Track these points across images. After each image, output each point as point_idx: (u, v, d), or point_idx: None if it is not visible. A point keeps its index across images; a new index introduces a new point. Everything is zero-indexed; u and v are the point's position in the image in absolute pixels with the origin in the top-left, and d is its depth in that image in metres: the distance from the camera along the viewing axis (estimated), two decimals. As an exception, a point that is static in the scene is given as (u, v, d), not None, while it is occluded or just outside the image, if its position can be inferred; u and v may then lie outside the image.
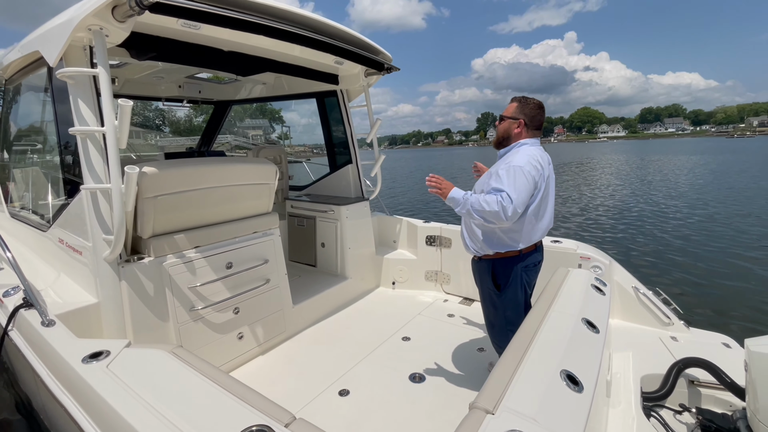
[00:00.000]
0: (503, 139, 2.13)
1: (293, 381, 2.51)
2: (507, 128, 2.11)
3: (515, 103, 2.13)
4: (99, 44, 1.82)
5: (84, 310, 2.06)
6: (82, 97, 1.96)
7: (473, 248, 2.19)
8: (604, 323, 1.68)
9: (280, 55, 2.95)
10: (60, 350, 1.59)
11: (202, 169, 2.44)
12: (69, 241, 2.30)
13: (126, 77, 3.84)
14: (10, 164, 3.62)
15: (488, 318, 2.29)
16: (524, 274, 2.10)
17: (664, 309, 2.65)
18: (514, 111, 2.10)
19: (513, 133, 2.10)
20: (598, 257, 2.88)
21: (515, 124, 2.09)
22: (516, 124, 2.08)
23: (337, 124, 4.11)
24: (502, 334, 2.17)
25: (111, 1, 1.74)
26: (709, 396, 2.03)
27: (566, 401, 1.15)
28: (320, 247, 3.92)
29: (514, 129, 2.09)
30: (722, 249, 7.89)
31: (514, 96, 2.19)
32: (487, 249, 2.11)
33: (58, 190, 2.53)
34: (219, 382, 1.30)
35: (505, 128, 2.11)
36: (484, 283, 2.20)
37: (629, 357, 2.26)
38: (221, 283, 2.53)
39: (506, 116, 2.12)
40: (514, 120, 2.09)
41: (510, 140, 2.11)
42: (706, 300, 5.56)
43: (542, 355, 1.36)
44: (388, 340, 2.95)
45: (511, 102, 2.17)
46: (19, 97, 3.22)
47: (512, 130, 2.09)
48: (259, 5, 2.18)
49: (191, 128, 14.87)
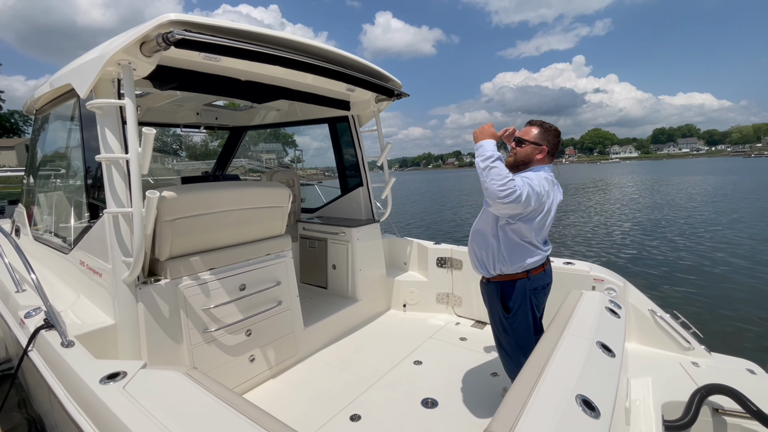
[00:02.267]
0: (523, 163, 2.05)
1: (304, 405, 2.48)
2: (529, 153, 2.03)
3: (536, 128, 2.05)
4: (127, 77, 1.94)
5: (102, 331, 2.10)
6: (109, 126, 2.07)
7: (482, 268, 2.17)
8: (620, 347, 1.65)
9: (294, 84, 3.07)
10: (78, 371, 1.62)
11: (218, 192, 2.52)
12: (89, 264, 2.37)
13: (147, 106, 4.02)
14: (35, 189, 3.77)
15: (499, 342, 2.25)
16: (533, 296, 2.07)
17: (683, 333, 2.57)
18: (537, 137, 2.02)
19: (534, 159, 2.03)
20: (612, 279, 2.83)
21: (537, 150, 2.02)
22: (539, 150, 2.02)
23: (349, 148, 4.20)
24: (514, 357, 2.14)
25: (140, 38, 1.87)
26: (734, 425, 1.94)
27: (582, 427, 1.12)
28: (331, 269, 3.93)
29: (536, 155, 2.03)
30: (743, 271, 7.65)
31: (531, 120, 2.13)
32: (495, 268, 2.09)
33: (81, 214, 2.62)
34: (233, 405, 1.30)
35: (527, 153, 2.03)
36: (493, 306, 2.18)
37: (648, 383, 2.19)
38: (234, 305, 2.56)
39: (528, 141, 2.03)
40: (537, 146, 2.02)
41: (530, 165, 2.05)
42: (727, 324, 5.36)
43: (557, 379, 1.34)
44: (400, 363, 2.91)
45: (529, 125, 2.08)
46: (47, 126, 3.39)
47: (534, 155, 2.03)
48: (275, 38, 2.30)
49: (206, 152, 15.32)
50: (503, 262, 2.06)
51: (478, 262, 2.19)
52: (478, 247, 2.17)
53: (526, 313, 2.08)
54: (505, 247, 2.04)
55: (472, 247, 2.23)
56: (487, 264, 2.13)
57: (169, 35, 1.81)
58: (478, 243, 2.17)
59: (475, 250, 2.20)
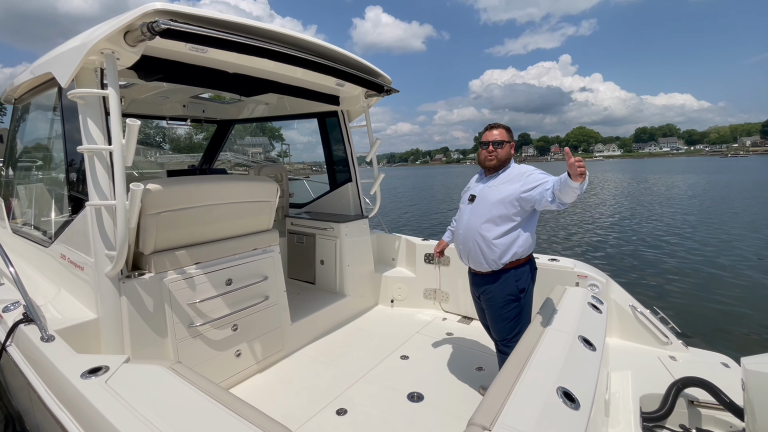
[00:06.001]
0: (506, 160, 2.31)
1: (290, 399, 2.48)
2: (509, 151, 2.31)
3: (503, 129, 2.33)
4: (110, 67, 1.89)
5: (83, 325, 2.06)
6: (92, 117, 2.02)
7: (491, 261, 2.18)
8: (600, 341, 1.70)
9: (283, 77, 3.04)
10: (59, 365, 1.59)
11: (205, 186, 2.48)
12: (71, 257, 2.32)
13: (132, 97, 3.93)
14: (14, 181, 3.66)
15: (509, 324, 2.23)
16: (532, 279, 2.27)
17: (662, 328, 2.65)
18: (508, 135, 2.32)
19: (510, 155, 2.34)
20: (596, 276, 2.90)
21: (510, 147, 2.33)
22: (510, 146, 2.33)
23: (338, 143, 4.19)
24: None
25: (124, 26, 1.82)
26: (709, 416, 2.02)
27: (563, 418, 1.16)
28: (319, 264, 3.93)
29: (511, 151, 2.34)
30: (720, 267, 7.90)
31: (490, 123, 2.37)
32: (507, 256, 2.16)
33: (62, 207, 2.56)
34: (218, 399, 1.30)
35: (507, 151, 2.30)
36: (504, 292, 2.19)
37: (628, 376, 2.26)
38: (221, 299, 2.54)
39: (506, 141, 2.30)
40: (509, 143, 2.32)
41: (507, 161, 2.33)
42: (703, 319, 5.55)
43: (539, 372, 1.37)
44: (387, 358, 2.94)
45: (496, 129, 2.32)
46: (27, 116, 3.28)
47: (510, 152, 2.34)
48: (264, 30, 2.27)
49: (191, 146, 15.04)
50: (516, 250, 2.18)
51: (483, 257, 2.20)
52: (485, 242, 2.19)
53: (532, 291, 2.28)
54: (528, 234, 2.22)
55: (477, 245, 2.22)
56: (500, 253, 2.16)
57: (155, 25, 1.77)
58: (483, 239, 2.19)
59: (481, 246, 2.21)
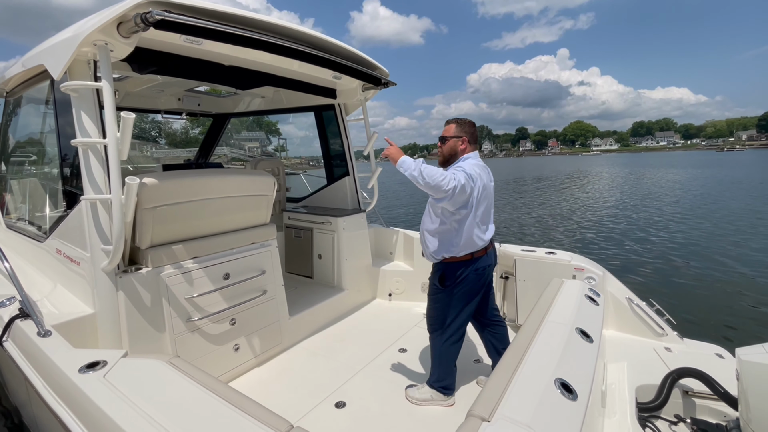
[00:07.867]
0: (450, 156, 2.30)
1: (289, 393, 2.49)
2: (453, 146, 2.28)
3: (453, 124, 2.32)
4: (103, 59, 1.86)
5: (80, 320, 2.05)
6: (85, 110, 1.99)
7: (428, 254, 2.32)
8: (597, 332, 1.71)
9: (280, 70, 3.01)
10: (56, 360, 1.58)
11: (202, 180, 2.47)
12: (66, 252, 2.30)
13: (126, 90, 3.88)
14: (7, 175, 3.62)
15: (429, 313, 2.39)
16: (476, 276, 2.24)
17: (657, 320, 2.67)
18: (455, 131, 2.29)
19: (459, 150, 2.29)
20: (592, 268, 2.92)
21: (459, 142, 2.28)
22: (460, 141, 2.28)
23: (335, 137, 4.17)
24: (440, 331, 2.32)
25: (117, 17, 1.79)
26: (703, 406, 2.04)
27: (561, 409, 1.17)
28: (317, 258, 3.93)
29: (459, 146, 2.28)
30: (714, 260, 7.97)
31: (448, 119, 2.38)
32: (439, 254, 2.24)
33: (57, 201, 2.53)
34: (216, 392, 1.30)
35: (451, 146, 2.29)
36: (431, 281, 2.35)
37: (624, 367, 2.28)
38: (218, 294, 2.53)
39: (449, 136, 2.29)
40: (457, 138, 2.28)
41: (456, 156, 2.29)
42: (698, 311, 5.61)
43: (537, 363, 1.38)
44: (385, 351, 2.95)
45: (448, 124, 2.34)
46: (19, 110, 3.24)
47: (458, 147, 2.28)
48: (260, 22, 2.24)
49: (187, 140, 14.89)
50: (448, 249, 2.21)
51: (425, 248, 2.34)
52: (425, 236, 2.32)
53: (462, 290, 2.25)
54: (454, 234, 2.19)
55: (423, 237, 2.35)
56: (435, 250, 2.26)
57: (148, 15, 1.75)
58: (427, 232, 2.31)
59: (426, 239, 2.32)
